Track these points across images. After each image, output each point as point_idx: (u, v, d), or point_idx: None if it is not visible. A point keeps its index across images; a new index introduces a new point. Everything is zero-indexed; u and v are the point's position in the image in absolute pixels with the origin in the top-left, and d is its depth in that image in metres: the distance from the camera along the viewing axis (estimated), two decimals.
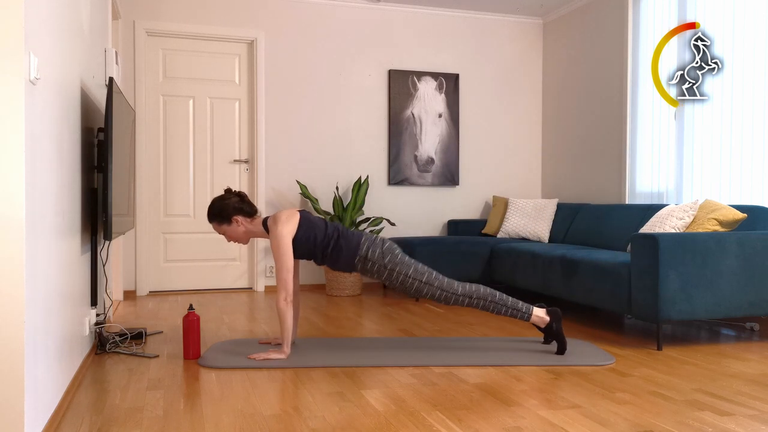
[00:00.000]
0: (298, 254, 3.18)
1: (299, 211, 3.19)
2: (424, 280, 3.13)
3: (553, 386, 2.69)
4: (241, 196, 3.23)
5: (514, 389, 2.65)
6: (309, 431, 2.17)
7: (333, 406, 2.43)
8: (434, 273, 3.16)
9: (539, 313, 3.20)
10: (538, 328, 3.28)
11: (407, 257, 3.19)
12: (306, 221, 3.15)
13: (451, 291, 3.14)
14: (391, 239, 5.48)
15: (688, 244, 3.35)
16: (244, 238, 3.25)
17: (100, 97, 3.61)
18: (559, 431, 2.16)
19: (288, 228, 3.08)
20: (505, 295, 3.21)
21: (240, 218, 3.19)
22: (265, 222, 3.22)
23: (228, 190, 3.25)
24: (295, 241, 3.12)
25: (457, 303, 3.17)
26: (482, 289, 3.17)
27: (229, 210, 3.17)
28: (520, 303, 3.19)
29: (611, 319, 4.30)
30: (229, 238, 3.25)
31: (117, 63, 4.29)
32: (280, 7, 5.58)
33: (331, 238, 3.16)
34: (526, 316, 3.18)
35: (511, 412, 2.36)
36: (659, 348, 3.38)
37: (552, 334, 3.20)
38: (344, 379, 2.79)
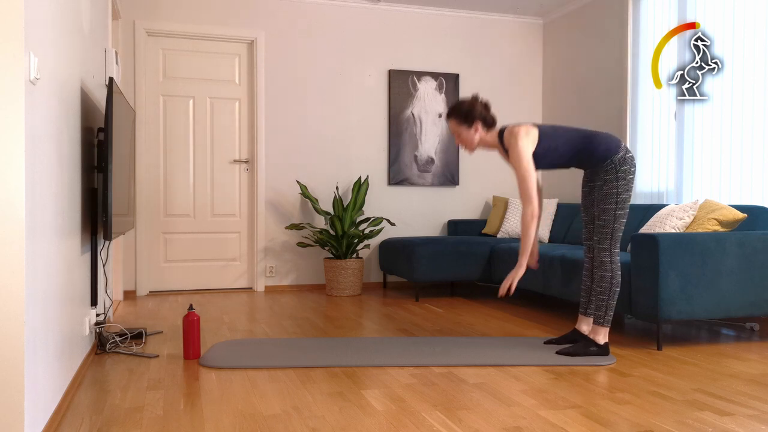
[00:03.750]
0: (542, 165, 3.20)
1: (537, 126, 3.17)
2: (617, 214, 3.12)
3: (553, 386, 2.69)
4: (486, 106, 3.26)
5: (514, 389, 2.65)
6: (309, 431, 2.17)
7: (333, 406, 2.43)
8: (624, 221, 3.15)
9: (605, 333, 3.21)
10: (571, 337, 3.35)
11: (632, 185, 3.15)
12: (544, 134, 3.14)
13: (612, 240, 3.15)
14: (391, 239, 5.48)
15: (688, 244, 3.35)
16: (474, 145, 3.27)
17: (100, 97, 3.61)
18: (559, 431, 2.16)
19: (528, 142, 3.09)
20: (617, 296, 3.25)
21: (480, 125, 3.22)
22: (501, 135, 3.23)
23: (475, 97, 3.27)
24: (536, 155, 3.13)
25: (600, 252, 3.18)
26: (619, 273, 3.19)
27: (475, 114, 3.20)
28: (612, 312, 3.21)
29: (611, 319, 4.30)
30: (461, 141, 3.27)
31: (117, 63, 4.29)
32: (280, 7, 5.58)
33: (575, 145, 3.14)
34: (601, 322, 3.19)
35: (511, 412, 2.36)
36: (659, 348, 3.38)
37: (584, 348, 3.19)
38: (344, 379, 2.79)
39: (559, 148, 3.15)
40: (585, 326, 3.33)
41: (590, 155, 3.15)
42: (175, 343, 3.51)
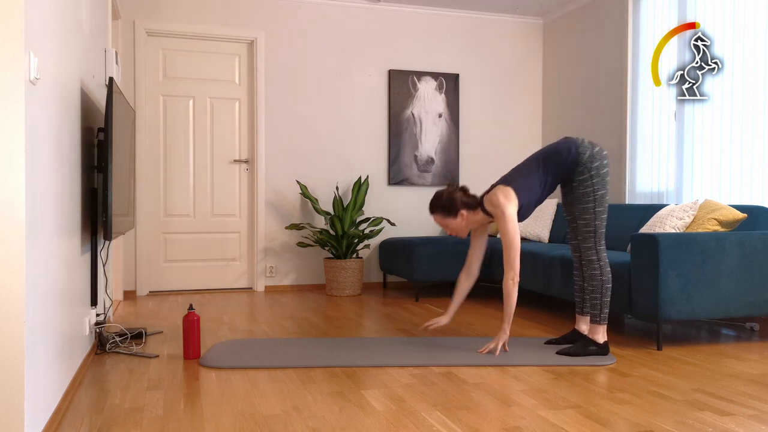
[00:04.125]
0: (533, 208, 3.22)
1: (508, 184, 3.17)
2: (596, 210, 3.13)
3: (553, 386, 2.69)
4: (464, 190, 3.29)
5: (514, 389, 2.65)
6: (309, 431, 2.17)
7: (333, 406, 2.43)
8: (606, 215, 3.16)
9: (603, 332, 3.21)
10: (570, 337, 3.35)
11: (608, 178, 3.15)
12: (518, 192, 3.13)
13: (597, 238, 3.15)
14: (391, 239, 5.48)
15: (688, 244, 3.35)
16: (465, 231, 3.30)
17: (100, 97, 3.61)
18: (559, 431, 2.16)
19: (511, 207, 3.09)
20: (610, 292, 3.24)
21: (465, 212, 3.25)
22: (482, 206, 3.24)
23: (450, 184, 3.32)
24: (523, 208, 3.15)
25: (587, 252, 3.18)
26: (608, 269, 3.19)
27: (456, 204, 3.23)
28: (608, 309, 3.21)
29: (611, 319, 4.30)
30: (450, 231, 3.30)
31: (117, 63, 4.29)
32: (280, 7, 5.58)
33: (545, 179, 3.16)
34: (598, 320, 3.19)
35: (511, 412, 2.36)
36: (659, 348, 3.38)
37: (583, 348, 3.18)
38: (344, 379, 2.79)
39: (535, 187, 3.16)
40: (584, 326, 3.33)
41: (561, 169, 3.16)
42: (175, 343, 3.51)
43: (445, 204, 3.24)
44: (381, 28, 5.84)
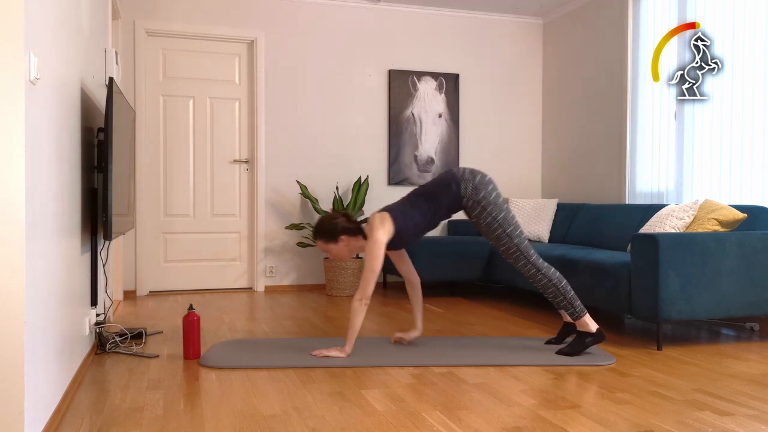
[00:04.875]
0: (416, 240, 3.22)
1: (387, 211, 3.18)
2: (508, 231, 3.12)
3: (553, 386, 2.69)
4: (347, 215, 3.28)
5: (514, 389, 2.65)
6: (309, 431, 2.17)
7: (333, 406, 2.43)
8: (519, 229, 3.15)
9: (589, 321, 3.19)
10: (565, 331, 3.33)
11: (501, 199, 3.16)
12: (395, 218, 3.15)
13: (526, 254, 3.14)
14: None
15: (688, 244, 3.35)
16: (348, 257, 3.30)
17: (100, 97, 3.61)
18: (559, 431, 2.16)
19: (382, 232, 3.09)
20: (569, 286, 3.20)
21: (346, 237, 3.23)
22: (364, 234, 3.26)
23: (334, 210, 3.34)
24: (396, 238, 3.15)
25: (524, 269, 3.16)
26: (552, 270, 3.17)
27: (337, 230, 3.22)
28: (578, 301, 3.19)
29: (611, 319, 4.30)
30: (333, 256, 3.30)
31: (117, 63, 4.29)
32: (280, 7, 5.58)
33: (425, 211, 3.16)
34: (577, 315, 3.17)
35: (511, 412, 2.36)
36: (659, 348, 3.38)
37: (580, 343, 3.18)
38: (344, 379, 2.79)
39: (416, 217, 3.16)
40: (569, 317, 3.31)
41: (446, 202, 3.15)
42: (175, 343, 3.51)
43: (325, 230, 3.23)
44: (381, 28, 5.84)
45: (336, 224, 3.23)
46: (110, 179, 2.94)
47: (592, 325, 3.18)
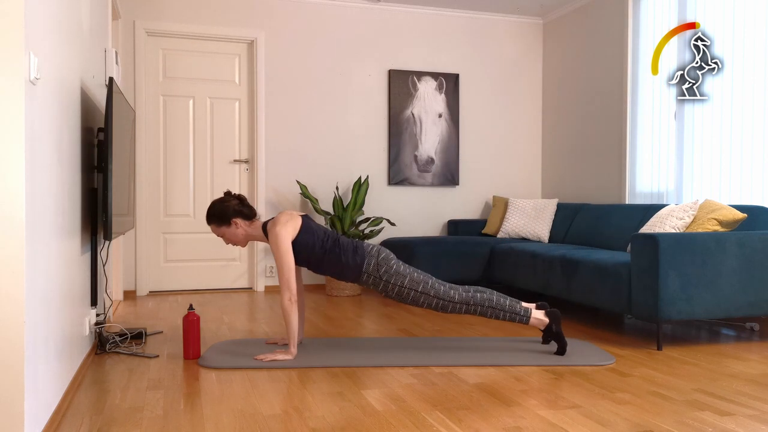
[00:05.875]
0: (296, 260, 3.17)
1: (302, 215, 3.18)
2: (420, 290, 3.12)
3: (553, 386, 2.69)
4: (240, 198, 3.23)
5: (514, 389, 2.65)
6: (309, 431, 2.17)
7: (333, 406, 2.43)
8: (431, 281, 3.14)
9: (538, 315, 3.18)
10: (546, 333, 3.29)
11: (403, 266, 3.15)
12: (307, 227, 3.14)
13: (447, 299, 3.12)
14: (391, 239, 5.48)
15: (688, 244, 3.35)
16: (242, 241, 3.25)
17: (100, 97, 3.61)
18: (559, 431, 2.16)
19: (288, 229, 3.07)
20: (503, 297, 3.17)
21: (239, 221, 3.18)
22: (264, 226, 3.22)
23: (228, 193, 3.25)
24: (295, 244, 3.11)
25: (454, 311, 3.15)
26: (479, 295, 3.14)
27: (228, 212, 3.16)
28: (519, 306, 3.17)
29: (611, 319, 4.30)
30: (228, 241, 3.24)
31: (117, 63, 4.29)
32: (280, 7, 5.58)
33: (326, 246, 3.14)
34: (525, 319, 3.17)
35: (511, 412, 2.36)
36: (659, 348, 3.38)
37: (551, 335, 3.20)
38: (344, 379, 2.79)
39: (316, 248, 3.13)
40: (538, 313, 3.22)
41: (344, 261, 3.12)
42: (175, 343, 3.51)
43: (216, 212, 3.17)
44: (381, 28, 5.84)
45: (228, 207, 3.16)
46: (110, 179, 2.94)
47: (542, 315, 3.18)
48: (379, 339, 3.58)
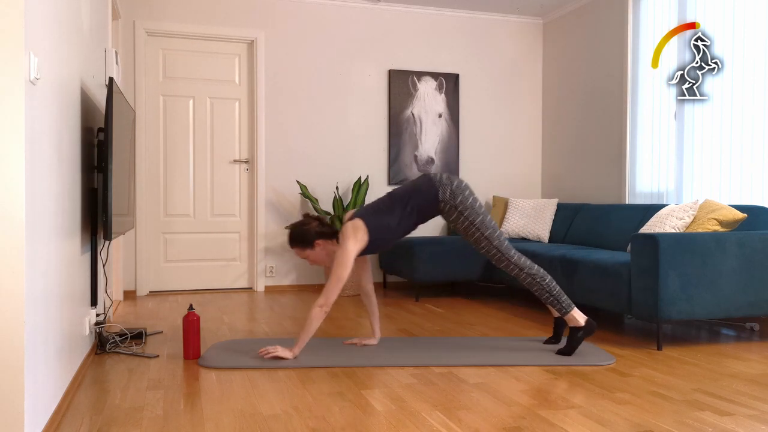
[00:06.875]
0: (389, 245, 3.20)
1: (359, 218, 3.14)
2: (486, 235, 3.12)
3: (553, 386, 2.69)
4: (320, 219, 3.27)
5: (514, 389, 2.65)
6: (309, 431, 2.17)
7: (333, 406, 2.43)
8: (498, 232, 3.15)
9: (578, 315, 3.19)
10: (558, 326, 3.33)
11: (478, 203, 3.15)
12: (370, 223, 3.12)
13: (507, 255, 3.14)
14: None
15: (688, 244, 3.35)
16: (327, 261, 3.28)
17: (100, 97, 3.61)
18: (559, 431, 2.16)
19: (357, 243, 3.08)
20: (554, 282, 3.21)
21: (321, 241, 3.22)
22: (338, 236, 3.25)
23: (306, 215, 3.30)
24: (371, 243, 3.13)
25: (507, 268, 3.17)
26: (536, 268, 3.17)
27: (310, 235, 3.20)
28: (565, 296, 3.19)
29: (611, 319, 4.30)
30: (312, 262, 3.28)
31: (117, 63, 4.29)
32: (280, 7, 5.58)
33: (399, 214, 3.14)
34: (564, 311, 3.18)
35: (511, 412, 2.36)
36: (659, 348, 3.38)
37: (573, 338, 3.19)
38: (344, 379, 2.79)
39: (391, 224, 3.14)
40: (557, 312, 3.29)
41: (423, 208, 3.14)
42: (175, 343, 3.51)
43: (298, 236, 3.21)
44: (381, 28, 5.84)
45: (308, 230, 3.20)
46: (110, 179, 2.94)
47: (581, 319, 3.19)
48: (379, 339, 3.58)
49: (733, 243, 3.42)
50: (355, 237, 3.09)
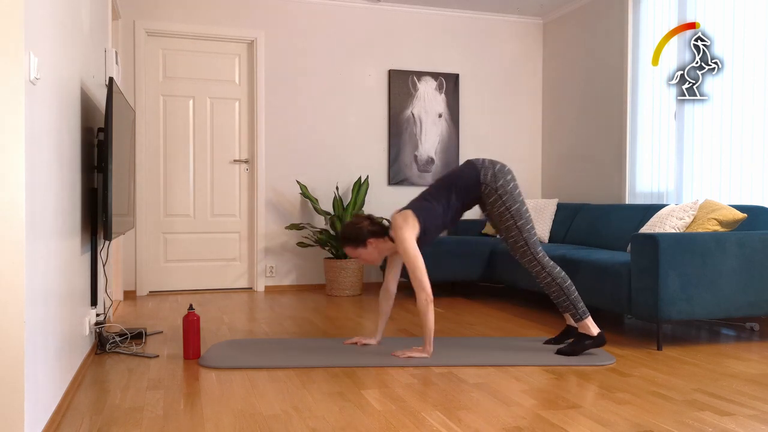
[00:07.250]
0: (437, 235, 3.21)
1: (408, 209, 3.17)
2: (518, 224, 3.12)
3: (553, 386, 2.69)
4: (370, 218, 3.27)
5: (514, 389, 2.65)
6: (309, 431, 2.17)
7: (333, 406, 2.43)
8: (531, 224, 3.15)
9: (591, 324, 3.19)
10: (566, 332, 3.33)
11: (517, 190, 3.15)
12: (420, 211, 3.14)
13: (532, 251, 3.14)
14: None
15: (688, 244, 3.35)
16: (378, 259, 3.29)
17: (100, 97, 3.61)
18: (559, 431, 2.16)
19: (408, 229, 3.09)
20: (573, 287, 3.21)
21: (373, 240, 3.23)
22: (389, 233, 3.25)
23: (357, 215, 3.31)
24: (425, 232, 3.14)
25: (529, 265, 3.17)
26: (557, 270, 3.17)
27: (363, 234, 3.21)
28: (582, 303, 3.20)
29: (611, 319, 4.30)
30: (363, 260, 3.28)
31: (117, 63, 4.29)
32: (280, 7, 5.58)
33: (445, 202, 3.15)
34: (579, 318, 3.18)
35: (511, 412, 2.36)
36: (659, 348, 3.38)
37: (579, 343, 3.18)
38: (344, 379, 2.79)
39: (438, 211, 3.16)
40: (572, 320, 3.31)
41: (466, 193, 3.16)
42: (175, 343, 3.51)
43: (351, 236, 3.22)
44: (381, 28, 5.84)
45: (361, 228, 3.22)
46: (110, 179, 2.94)
47: (594, 329, 3.18)
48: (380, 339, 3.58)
49: (733, 243, 3.42)
50: (407, 224, 3.11)
